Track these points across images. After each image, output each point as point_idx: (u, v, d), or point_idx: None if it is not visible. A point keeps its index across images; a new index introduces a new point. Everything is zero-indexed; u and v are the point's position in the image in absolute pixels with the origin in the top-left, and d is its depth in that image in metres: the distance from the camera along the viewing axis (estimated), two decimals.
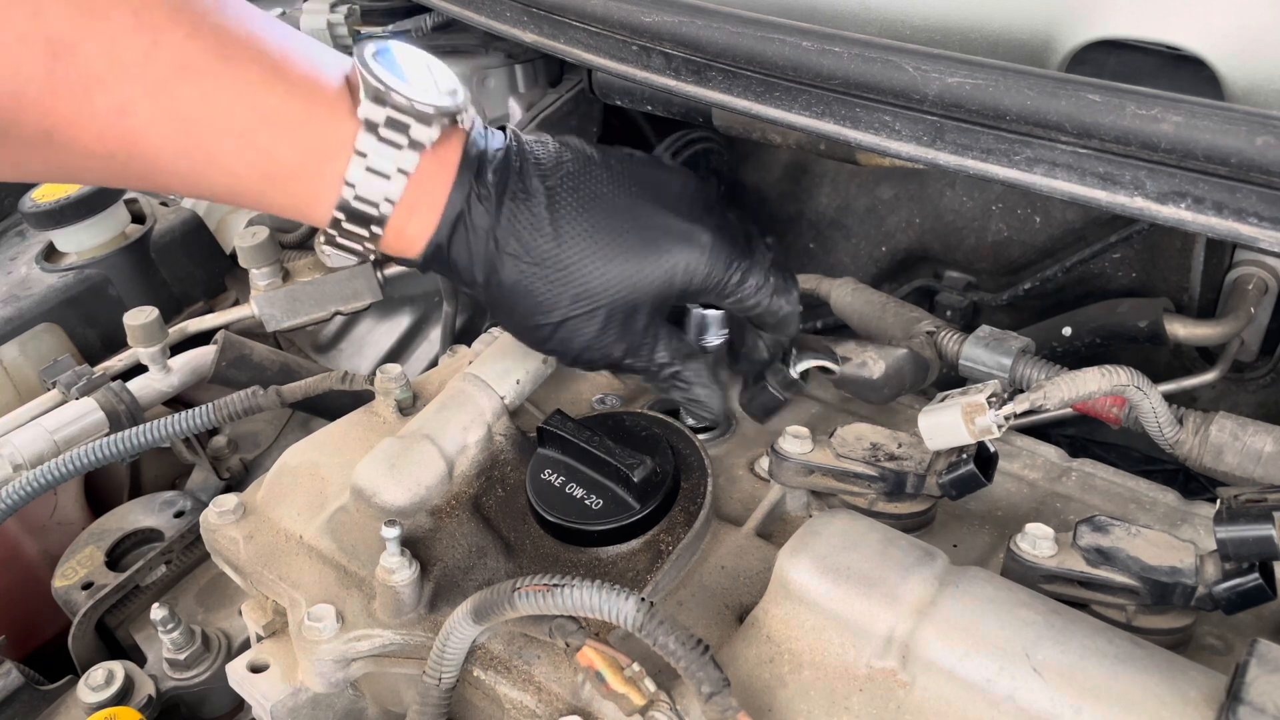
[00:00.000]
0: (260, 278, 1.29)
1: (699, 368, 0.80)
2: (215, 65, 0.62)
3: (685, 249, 0.74)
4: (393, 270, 1.36)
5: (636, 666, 0.65)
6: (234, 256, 1.42)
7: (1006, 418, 0.71)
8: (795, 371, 0.84)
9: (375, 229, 0.70)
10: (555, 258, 0.72)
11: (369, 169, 0.67)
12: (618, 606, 0.64)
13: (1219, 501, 0.66)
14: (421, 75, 0.70)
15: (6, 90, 0.57)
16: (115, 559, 1.16)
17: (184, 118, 0.62)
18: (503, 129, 0.75)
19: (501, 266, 0.72)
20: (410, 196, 0.69)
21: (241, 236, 1.28)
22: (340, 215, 0.69)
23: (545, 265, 0.72)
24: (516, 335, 0.80)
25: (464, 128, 0.72)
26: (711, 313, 0.85)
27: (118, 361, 1.31)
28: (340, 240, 0.71)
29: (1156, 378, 0.78)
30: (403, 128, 0.67)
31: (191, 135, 0.63)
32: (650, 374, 0.80)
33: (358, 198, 0.68)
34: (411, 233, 0.72)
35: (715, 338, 0.86)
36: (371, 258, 0.74)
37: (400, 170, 0.68)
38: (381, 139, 0.67)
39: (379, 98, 0.66)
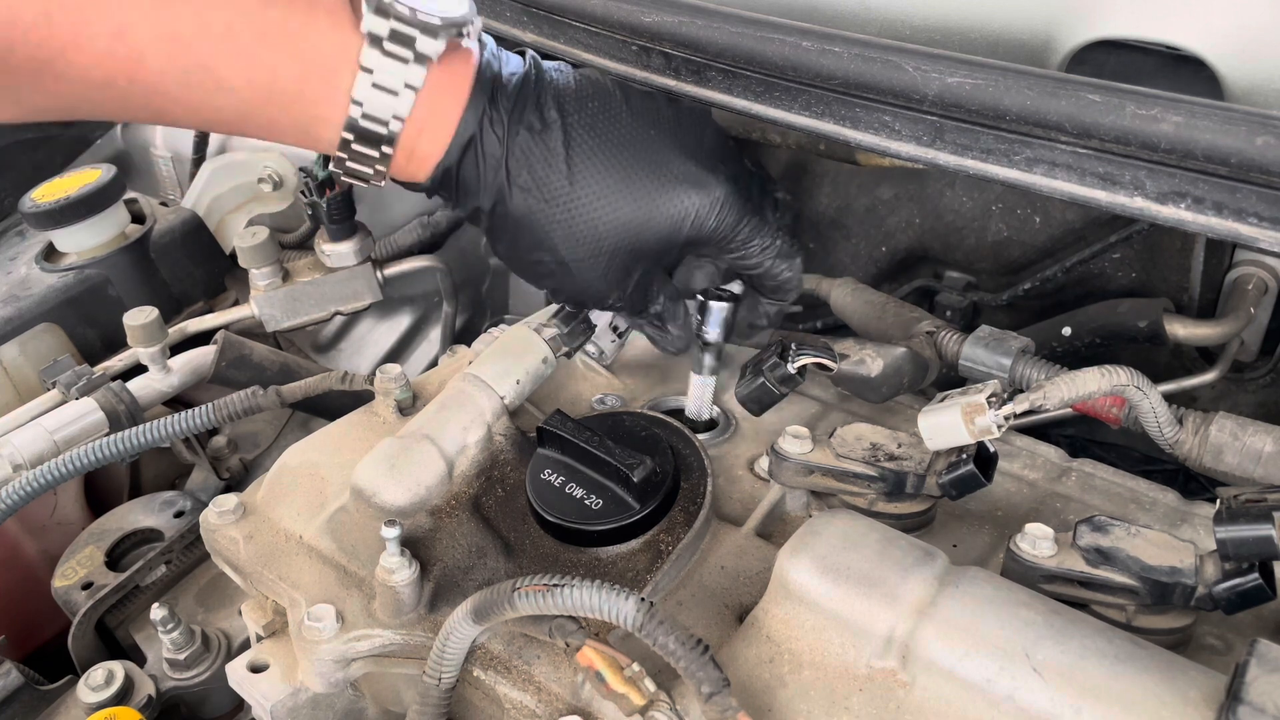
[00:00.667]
0: (260, 278, 1.29)
1: (676, 310, 0.81)
2: None
3: (697, 197, 0.73)
4: (393, 270, 1.37)
5: (636, 666, 0.65)
6: (234, 256, 1.42)
7: (1006, 418, 0.71)
8: (792, 367, 0.84)
9: (386, 149, 0.68)
10: (566, 196, 0.70)
11: (375, 85, 0.65)
12: (618, 606, 0.64)
13: (1219, 501, 0.66)
14: None
15: (2, 18, 0.56)
16: (115, 559, 1.16)
17: (182, 37, 0.61)
18: (522, 53, 0.73)
19: (510, 197, 0.70)
20: (420, 114, 0.67)
21: (241, 236, 1.28)
22: (349, 135, 0.67)
23: (555, 202, 0.70)
24: (512, 266, 0.78)
25: (474, 47, 0.70)
26: (716, 306, 0.85)
27: (118, 361, 1.31)
28: (350, 164, 0.69)
29: (1156, 378, 0.78)
30: (408, 40, 0.65)
31: (190, 54, 0.62)
32: (633, 311, 0.79)
33: (365, 115, 0.66)
34: (422, 153, 0.70)
35: (714, 328, 0.87)
36: (383, 184, 0.72)
37: (408, 86, 0.66)
38: (386, 53, 0.65)
39: (382, 9, 0.64)
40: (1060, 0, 0.82)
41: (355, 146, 0.68)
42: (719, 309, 0.87)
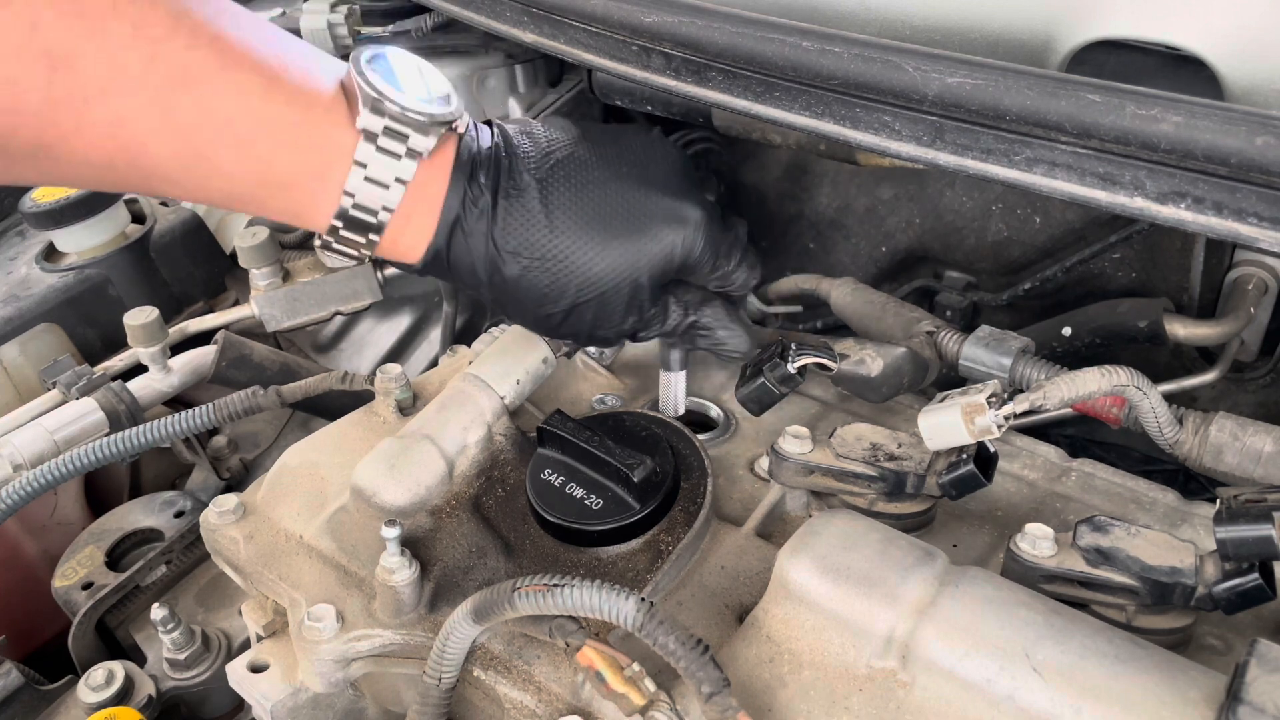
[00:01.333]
0: (260, 278, 1.29)
1: (716, 311, 0.81)
2: (214, 75, 0.62)
3: (678, 228, 0.75)
4: (393, 270, 1.36)
5: (636, 666, 0.65)
6: (234, 256, 1.42)
7: (1006, 418, 0.72)
8: (792, 367, 0.84)
9: (373, 236, 0.70)
10: (554, 250, 0.72)
11: (368, 179, 0.68)
12: (618, 606, 0.64)
13: (1219, 501, 0.66)
14: (416, 82, 0.70)
15: (4, 104, 0.57)
16: (115, 559, 1.16)
17: (183, 127, 0.62)
18: (489, 123, 0.76)
19: (504, 265, 0.73)
20: (406, 205, 0.70)
21: (241, 236, 1.28)
22: (338, 223, 0.69)
23: (546, 259, 0.72)
24: (527, 326, 0.80)
25: (458, 131, 0.72)
26: (675, 375, 0.89)
27: (118, 361, 1.31)
28: (337, 246, 0.72)
29: (1156, 378, 0.78)
30: (401, 137, 0.67)
31: (191, 144, 0.63)
32: (673, 333, 0.81)
33: (356, 205, 0.69)
34: (408, 240, 0.72)
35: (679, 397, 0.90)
36: (367, 260, 0.74)
37: (398, 180, 0.68)
38: (380, 149, 0.67)
39: (377, 108, 0.67)
40: (1060, 0, 0.82)
41: (344, 233, 0.70)
42: (676, 378, 0.89)
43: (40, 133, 0.59)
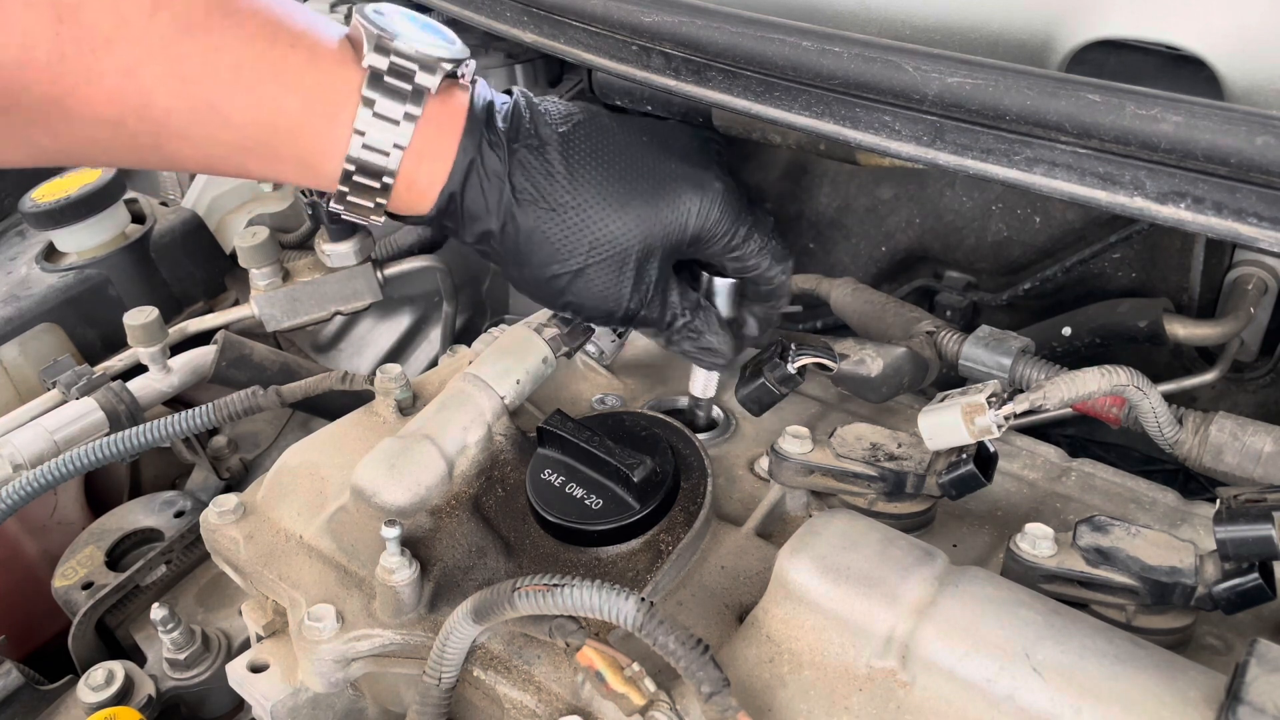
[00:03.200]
0: (260, 278, 1.29)
1: (708, 317, 0.82)
2: (217, 21, 0.63)
3: (698, 193, 0.75)
4: (393, 270, 1.36)
5: (636, 666, 0.65)
6: (234, 256, 1.42)
7: (1006, 418, 0.72)
8: (792, 367, 0.84)
9: (386, 179, 0.70)
10: (572, 203, 0.72)
11: (376, 114, 0.68)
12: (618, 606, 0.64)
13: (1219, 501, 0.66)
14: (419, 28, 0.71)
15: (14, 58, 0.58)
16: (115, 559, 1.16)
17: (189, 75, 0.63)
18: (509, 91, 0.76)
19: (519, 212, 0.72)
20: (419, 144, 0.70)
21: (241, 236, 1.28)
22: (350, 167, 0.69)
23: (562, 210, 0.72)
24: (530, 289, 0.79)
25: (467, 82, 0.73)
26: (721, 281, 0.85)
27: (118, 361, 1.31)
28: (351, 198, 0.71)
29: (1156, 378, 0.78)
30: (407, 75, 0.68)
31: (197, 92, 0.64)
32: (663, 326, 0.80)
33: (366, 145, 0.68)
34: (423, 184, 0.72)
35: (721, 304, 0.86)
36: (382, 219, 0.74)
37: (408, 116, 0.69)
38: (386, 87, 0.68)
39: (382, 46, 0.67)
40: (1060, 0, 0.82)
41: (356, 178, 0.70)
42: (724, 285, 0.86)
43: (51, 85, 0.60)
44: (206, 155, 0.69)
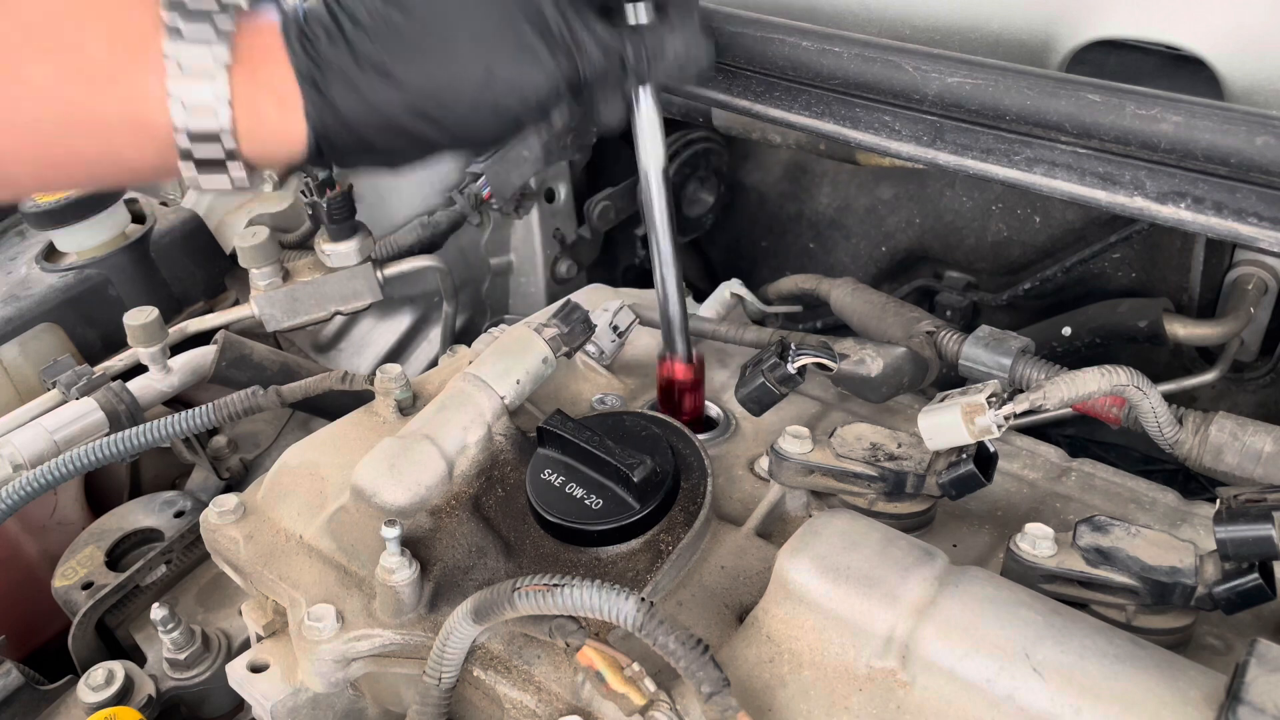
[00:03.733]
0: (260, 278, 1.29)
1: (658, 28, 0.71)
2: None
3: None
4: (393, 270, 1.36)
5: (636, 666, 0.65)
6: (234, 256, 1.41)
7: (1006, 418, 0.71)
8: (792, 367, 0.84)
9: (228, 141, 0.65)
10: (429, 17, 0.65)
11: (180, 65, 0.63)
12: (618, 606, 0.64)
13: (1219, 501, 0.66)
14: None
15: None
16: (115, 559, 1.16)
17: None
18: None
19: (393, 64, 0.65)
20: (245, 90, 0.64)
21: (242, 236, 1.28)
22: (179, 129, 0.64)
23: (425, 33, 0.66)
24: (461, 128, 0.70)
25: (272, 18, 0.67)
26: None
27: (118, 361, 1.31)
28: (204, 175, 0.67)
29: (1156, 378, 0.78)
30: (205, 16, 0.63)
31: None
32: (616, 67, 0.70)
33: (184, 105, 0.64)
34: (271, 125, 0.66)
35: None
36: (247, 185, 0.69)
37: (221, 64, 0.64)
38: (186, 38, 0.63)
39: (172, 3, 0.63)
40: (1060, 0, 0.82)
41: (194, 146, 0.65)
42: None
43: None
44: (17, 133, 0.65)
